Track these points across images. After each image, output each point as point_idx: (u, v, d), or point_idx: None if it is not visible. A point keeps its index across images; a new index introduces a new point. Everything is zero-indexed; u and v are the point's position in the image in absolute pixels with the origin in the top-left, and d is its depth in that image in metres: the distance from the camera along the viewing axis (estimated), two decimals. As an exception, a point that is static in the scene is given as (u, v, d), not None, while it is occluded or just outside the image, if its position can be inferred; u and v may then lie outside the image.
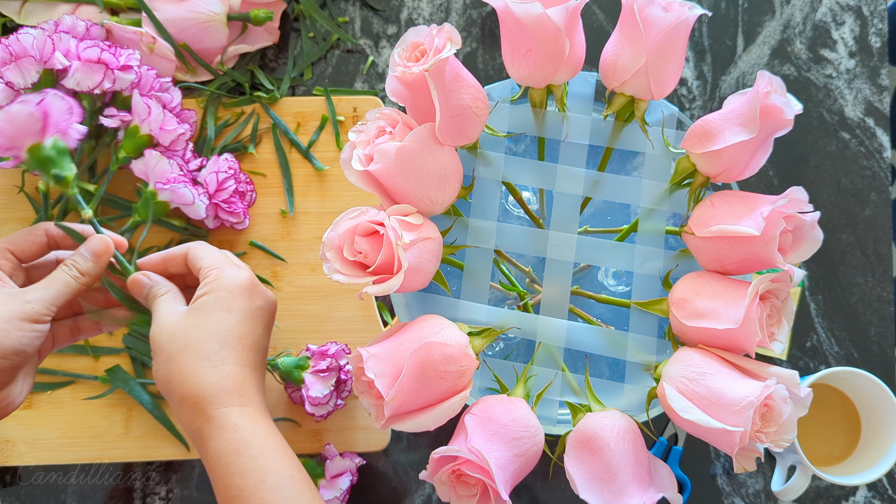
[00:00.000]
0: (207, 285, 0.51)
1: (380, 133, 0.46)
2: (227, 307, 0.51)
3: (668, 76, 0.50)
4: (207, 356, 0.49)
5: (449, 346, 0.44)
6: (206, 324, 0.50)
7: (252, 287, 0.52)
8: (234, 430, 0.48)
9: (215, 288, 0.51)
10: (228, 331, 0.50)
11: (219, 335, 0.50)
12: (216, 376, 0.49)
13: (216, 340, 0.50)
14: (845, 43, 0.77)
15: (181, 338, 0.49)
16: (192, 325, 0.50)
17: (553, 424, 0.50)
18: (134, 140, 0.65)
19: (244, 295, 0.52)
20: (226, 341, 0.50)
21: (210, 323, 0.50)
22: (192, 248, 0.54)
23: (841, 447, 0.66)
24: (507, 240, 0.52)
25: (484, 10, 0.77)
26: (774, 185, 0.74)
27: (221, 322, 0.50)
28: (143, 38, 0.69)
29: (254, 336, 0.52)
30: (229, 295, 0.51)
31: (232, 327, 0.50)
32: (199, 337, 0.49)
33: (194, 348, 0.49)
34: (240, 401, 0.49)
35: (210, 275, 0.52)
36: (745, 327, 0.43)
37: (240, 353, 0.50)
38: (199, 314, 0.50)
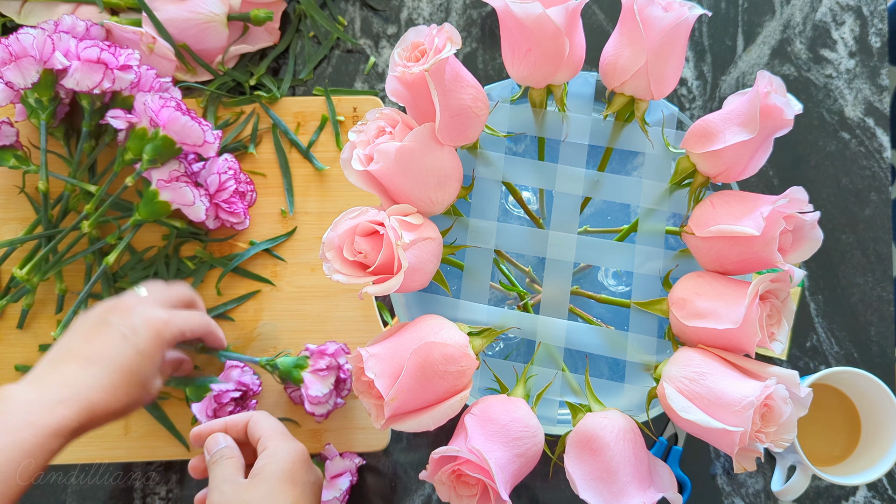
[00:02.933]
0: (269, 456, 0.52)
1: (380, 133, 0.46)
2: (292, 479, 0.52)
3: (668, 76, 0.50)
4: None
5: (449, 346, 0.44)
6: (273, 495, 0.50)
7: (307, 460, 0.54)
8: None
9: (277, 459, 0.52)
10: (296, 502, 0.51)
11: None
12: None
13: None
14: (845, 43, 0.77)
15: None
16: (259, 496, 0.50)
17: (553, 424, 0.50)
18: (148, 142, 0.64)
19: (304, 467, 0.53)
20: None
21: (278, 495, 0.50)
22: (255, 417, 0.55)
23: (841, 447, 0.66)
24: (507, 240, 0.51)
25: (484, 10, 0.77)
26: (774, 185, 0.74)
27: (288, 494, 0.51)
28: (143, 38, 0.69)
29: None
30: (292, 466, 0.52)
31: (298, 499, 0.51)
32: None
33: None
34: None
35: (270, 445, 0.53)
36: (745, 327, 0.43)
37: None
38: (266, 485, 0.51)
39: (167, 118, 0.62)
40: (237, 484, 0.51)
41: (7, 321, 0.68)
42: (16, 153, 0.67)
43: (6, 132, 0.67)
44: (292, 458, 0.52)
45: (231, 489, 0.51)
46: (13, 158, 0.67)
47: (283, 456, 0.52)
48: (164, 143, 0.63)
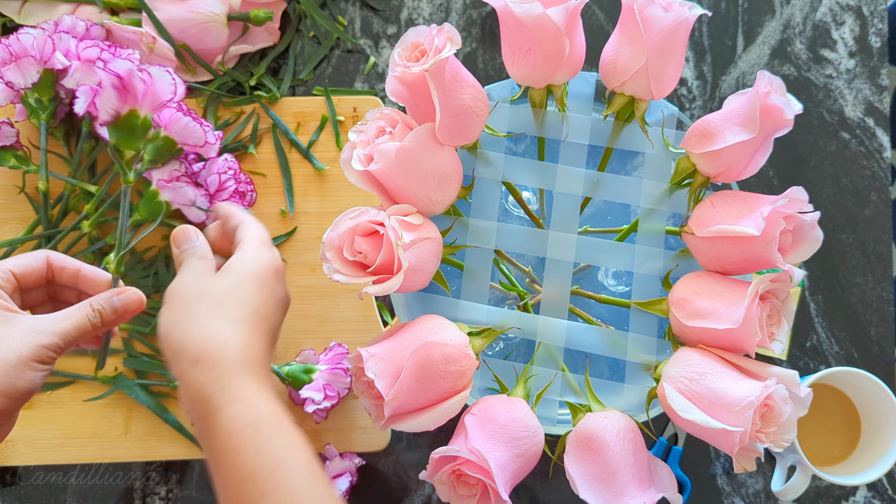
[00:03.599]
0: (243, 256, 0.49)
1: (380, 133, 0.46)
2: (262, 283, 0.48)
3: (668, 76, 0.50)
4: (236, 322, 0.46)
5: (449, 346, 0.44)
6: (239, 290, 0.47)
7: (281, 274, 0.51)
8: (252, 403, 0.43)
9: (250, 260, 0.49)
10: (258, 305, 0.47)
11: (249, 306, 0.47)
12: (239, 343, 0.45)
13: (245, 308, 0.47)
14: (845, 43, 0.77)
15: (208, 298, 0.46)
16: (222, 287, 0.47)
17: (553, 424, 0.50)
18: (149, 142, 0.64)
19: (276, 278, 0.50)
20: (253, 313, 0.47)
21: (244, 291, 0.47)
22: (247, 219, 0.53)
23: (841, 447, 0.66)
24: (507, 240, 0.52)
25: (484, 10, 0.77)
26: (774, 185, 0.74)
27: (254, 294, 0.47)
28: (143, 38, 0.69)
29: (275, 321, 0.49)
30: (265, 271, 0.49)
31: (263, 304, 0.48)
32: (229, 300, 0.46)
33: (223, 310, 0.46)
34: (257, 375, 0.45)
35: (247, 247, 0.50)
36: (745, 327, 0.43)
37: (263, 332, 0.47)
38: (234, 279, 0.48)
39: (169, 119, 0.62)
40: (201, 275, 0.48)
41: (7, 321, 0.68)
42: (16, 153, 0.67)
43: (6, 132, 0.67)
44: (265, 264, 0.49)
45: (195, 279, 0.48)
46: (13, 158, 0.67)
47: (256, 258, 0.49)
48: (164, 144, 0.63)
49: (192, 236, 0.51)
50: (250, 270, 0.48)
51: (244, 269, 0.48)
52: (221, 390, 0.43)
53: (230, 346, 0.45)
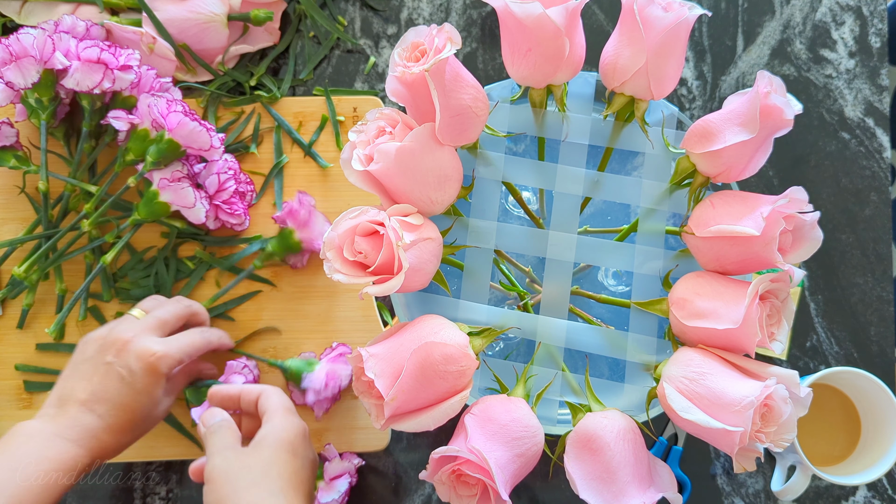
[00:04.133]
0: (272, 427, 0.53)
1: (380, 133, 0.46)
2: (293, 450, 0.52)
3: (668, 76, 0.50)
4: (277, 493, 0.49)
5: (449, 346, 0.44)
6: (276, 462, 0.51)
7: (308, 438, 0.55)
8: None
9: (280, 429, 0.53)
10: (294, 473, 0.51)
11: (285, 475, 0.51)
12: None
13: (283, 479, 0.50)
14: (845, 43, 0.77)
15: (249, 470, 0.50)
16: (261, 462, 0.51)
17: (553, 424, 0.50)
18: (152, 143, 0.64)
19: (304, 444, 0.54)
20: (290, 482, 0.51)
21: (278, 462, 0.51)
22: (267, 391, 0.56)
23: (841, 447, 0.66)
24: (507, 240, 0.52)
25: (484, 10, 0.77)
26: (774, 185, 0.74)
27: (289, 463, 0.51)
28: (143, 38, 0.69)
29: (309, 485, 0.53)
30: (294, 439, 0.53)
31: (297, 471, 0.52)
32: (269, 473, 0.50)
33: (264, 483, 0.49)
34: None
35: (274, 418, 0.54)
36: (745, 327, 0.43)
37: (301, 496, 0.51)
38: (267, 452, 0.51)
39: (175, 123, 0.62)
40: (238, 450, 0.52)
41: (7, 321, 0.68)
42: (16, 154, 0.67)
43: (6, 133, 0.67)
44: (294, 432, 0.53)
45: (233, 455, 0.51)
46: (13, 159, 0.67)
47: (285, 427, 0.53)
48: (169, 147, 0.63)
49: (217, 414, 0.56)
50: (282, 440, 0.52)
51: (276, 440, 0.52)
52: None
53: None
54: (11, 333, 0.68)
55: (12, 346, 0.68)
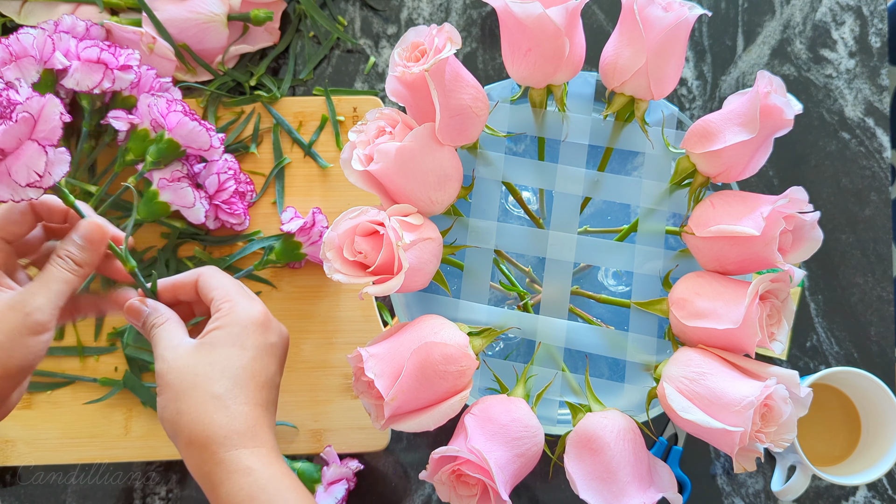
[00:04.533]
0: (219, 319, 0.49)
1: (380, 133, 0.46)
2: (241, 343, 0.48)
3: (668, 76, 0.50)
4: (218, 395, 0.46)
5: (449, 346, 0.44)
6: (217, 361, 0.47)
7: (266, 322, 0.50)
8: (246, 474, 0.45)
9: (228, 322, 0.49)
10: (242, 368, 0.48)
11: (231, 373, 0.47)
12: (227, 417, 0.46)
13: (228, 378, 0.47)
14: (845, 43, 0.77)
15: (190, 375, 0.47)
16: (202, 362, 0.47)
17: (553, 424, 0.50)
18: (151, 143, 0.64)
19: (258, 330, 0.49)
20: (239, 379, 0.47)
21: (222, 360, 0.47)
22: (204, 274, 0.52)
23: (841, 447, 0.66)
24: (507, 240, 0.51)
25: (484, 10, 0.77)
26: (774, 185, 0.74)
27: (234, 359, 0.48)
28: (143, 38, 0.69)
29: (267, 373, 0.49)
30: (242, 330, 0.49)
31: (245, 364, 0.48)
32: (210, 375, 0.47)
33: (204, 387, 0.46)
34: (252, 441, 0.46)
35: (222, 308, 0.50)
36: (745, 327, 0.43)
37: (253, 392, 0.48)
38: (210, 350, 0.48)
39: (175, 123, 0.62)
40: (178, 349, 0.48)
41: (7, 321, 0.68)
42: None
43: (6, 132, 0.66)
44: (244, 322, 0.49)
45: (172, 355, 0.48)
46: (13, 158, 0.67)
47: (234, 320, 0.49)
48: (168, 147, 0.63)
49: (143, 308, 0.51)
50: (227, 334, 0.48)
51: (219, 336, 0.48)
52: (216, 466, 0.45)
53: (219, 424, 0.46)
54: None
55: (12, 346, 0.68)
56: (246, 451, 0.46)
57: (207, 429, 0.46)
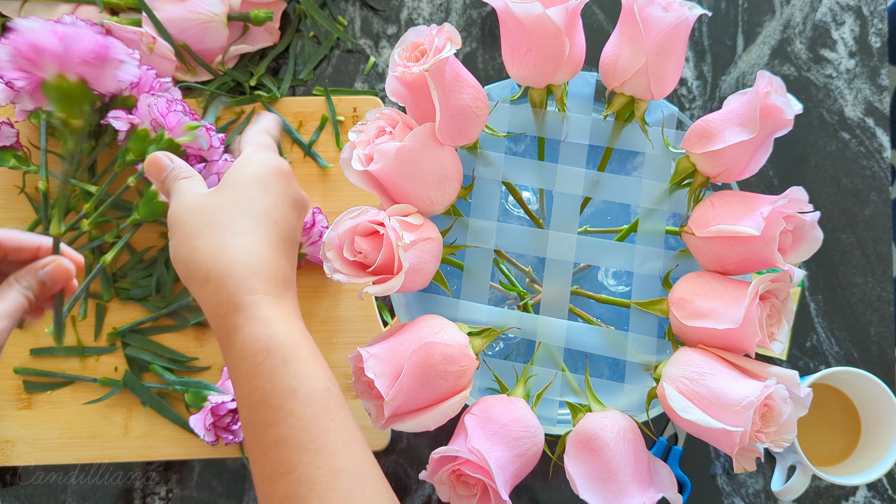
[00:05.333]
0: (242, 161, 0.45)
1: (380, 133, 0.46)
2: (265, 186, 0.44)
3: (668, 76, 0.50)
4: (240, 233, 0.42)
5: (449, 346, 0.44)
6: (239, 200, 0.43)
7: (288, 175, 0.46)
8: (265, 324, 0.41)
9: (252, 164, 0.45)
10: (265, 210, 0.44)
11: (254, 213, 0.43)
12: (249, 257, 0.42)
13: (251, 218, 0.43)
14: (845, 43, 0.77)
15: (208, 213, 0.43)
16: (222, 201, 0.43)
17: (553, 424, 0.50)
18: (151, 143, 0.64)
19: (283, 178, 0.45)
20: (261, 221, 0.43)
21: (244, 199, 0.43)
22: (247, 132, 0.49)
23: (841, 447, 0.66)
24: (507, 240, 0.52)
25: (484, 10, 0.77)
26: (774, 185, 0.74)
27: (258, 200, 0.44)
28: (143, 38, 0.69)
29: (289, 224, 0.45)
30: (267, 173, 0.45)
31: (269, 207, 0.44)
32: (231, 213, 0.43)
33: (224, 224, 0.42)
34: (273, 290, 0.42)
35: (247, 151, 0.46)
36: (745, 327, 0.43)
37: (276, 239, 0.43)
38: (232, 189, 0.44)
39: (175, 123, 0.62)
40: (198, 193, 0.45)
41: (7, 321, 0.68)
42: (16, 154, 0.67)
43: (6, 133, 0.67)
44: (267, 166, 0.45)
45: (191, 198, 0.44)
46: (13, 159, 0.67)
47: (256, 162, 0.45)
48: (168, 147, 0.63)
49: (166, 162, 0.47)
50: (250, 174, 0.45)
51: (242, 174, 0.45)
52: (234, 310, 0.41)
53: (239, 262, 0.42)
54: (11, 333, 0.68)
55: (11, 346, 0.68)
56: (267, 298, 0.42)
57: (227, 266, 0.41)
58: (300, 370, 0.41)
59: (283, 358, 0.40)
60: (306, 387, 0.40)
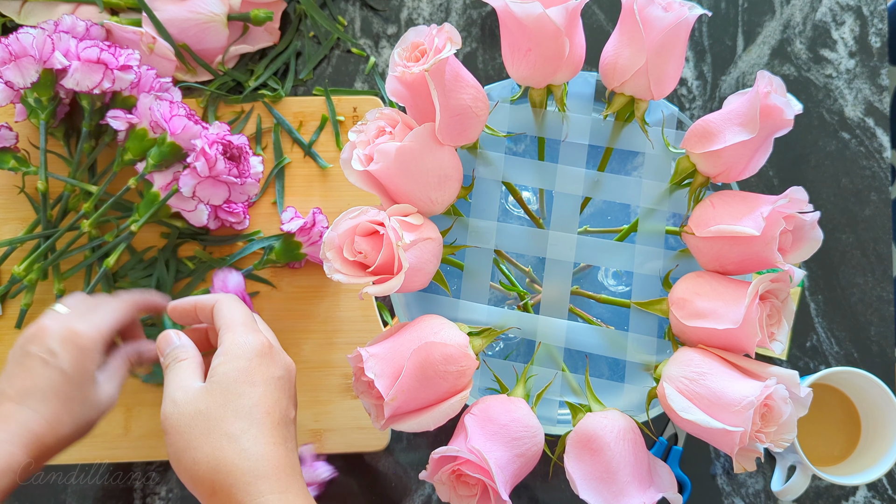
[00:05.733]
0: (222, 354, 0.48)
1: (380, 133, 0.46)
2: (250, 379, 0.47)
3: (668, 76, 0.50)
4: (235, 437, 0.44)
5: (449, 346, 0.44)
6: (229, 400, 0.46)
7: (269, 353, 0.48)
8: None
9: (232, 357, 0.47)
10: (254, 406, 0.46)
11: (244, 412, 0.45)
12: (248, 461, 0.44)
13: (242, 418, 0.45)
14: (845, 43, 0.77)
15: (202, 420, 0.45)
16: (213, 404, 0.45)
17: (553, 424, 0.50)
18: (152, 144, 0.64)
19: (263, 363, 0.48)
20: (253, 418, 0.45)
21: (234, 398, 0.46)
22: (220, 301, 0.51)
23: (841, 447, 0.66)
24: (507, 240, 0.52)
25: (484, 10, 0.77)
26: (774, 185, 0.74)
27: (245, 397, 0.46)
28: (143, 38, 0.69)
29: (280, 409, 0.47)
30: (248, 364, 0.47)
31: (257, 402, 0.46)
32: (223, 416, 0.45)
33: (220, 430, 0.44)
34: (279, 486, 0.44)
35: (224, 340, 0.48)
36: (745, 327, 0.43)
37: (270, 431, 0.45)
38: (219, 389, 0.46)
39: (180, 127, 0.62)
40: (189, 391, 0.46)
41: (6, 321, 0.68)
42: (15, 155, 0.67)
43: (5, 135, 0.66)
44: (248, 355, 0.47)
45: (183, 397, 0.46)
46: (13, 160, 0.67)
47: (238, 353, 0.47)
48: (171, 150, 0.63)
49: (174, 339, 0.51)
50: (236, 370, 0.47)
51: (229, 372, 0.47)
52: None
53: (241, 469, 0.44)
54: (10, 333, 0.68)
55: (11, 346, 0.68)
56: (273, 496, 0.43)
57: (230, 476, 0.43)
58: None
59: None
60: None
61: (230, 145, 0.63)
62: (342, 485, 0.68)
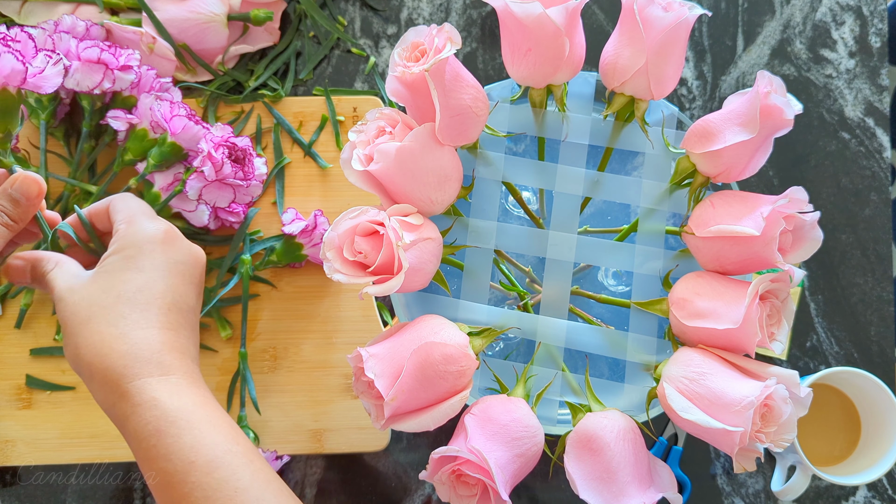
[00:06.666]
0: (115, 243, 0.46)
1: (380, 133, 0.46)
2: (137, 265, 0.45)
3: (668, 76, 0.50)
4: (114, 322, 0.43)
5: (449, 346, 0.44)
6: (112, 287, 0.44)
7: (168, 239, 0.46)
8: (152, 406, 0.41)
9: (124, 245, 0.45)
10: (140, 291, 0.44)
11: (128, 297, 0.44)
12: (126, 344, 0.42)
13: (125, 303, 0.43)
14: (845, 43, 0.77)
15: (84, 307, 0.43)
16: (97, 291, 0.44)
17: (553, 424, 0.50)
18: (152, 145, 0.64)
19: (158, 249, 0.46)
20: (137, 303, 0.44)
21: (117, 285, 0.44)
22: (114, 200, 0.49)
23: (841, 447, 0.66)
24: (507, 240, 0.52)
25: (484, 10, 0.77)
26: (774, 185, 0.74)
27: (131, 282, 0.44)
28: (143, 38, 0.69)
29: (174, 294, 0.45)
30: (139, 251, 0.45)
31: (143, 286, 0.44)
32: (105, 303, 0.43)
33: (99, 316, 0.43)
34: (158, 369, 0.43)
35: (119, 229, 0.46)
36: (745, 327, 0.43)
37: (157, 316, 0.44)
38: (105, 277, 0.44)
39: (180, 128, 0.62)
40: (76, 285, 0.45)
41: (6, 321, 0.68)
42: (15, 155, 0.67)
43: (6, 133, 0.66)
44: (140, 242, 0.45)
45: (69, 293, 0.44)
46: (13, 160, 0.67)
47: (130, 241, 0.45)
48: (171, 150, 0.63)
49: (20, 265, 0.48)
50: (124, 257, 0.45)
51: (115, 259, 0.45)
52: (120, 400, 0.42)
53: (117, 352, 0.42)
54: (10, 333, 0.68)
55: (11, 346, 0.68)
56: (152, 379, 0.42)
57: (106, 359, 0.42)
58: (195, 440, 0.41)
59: (175, 434, 0.41)
60: (205, 455, 0.41)
61: (235, 147, 0.63)
62: (342, 485, 0.68)
